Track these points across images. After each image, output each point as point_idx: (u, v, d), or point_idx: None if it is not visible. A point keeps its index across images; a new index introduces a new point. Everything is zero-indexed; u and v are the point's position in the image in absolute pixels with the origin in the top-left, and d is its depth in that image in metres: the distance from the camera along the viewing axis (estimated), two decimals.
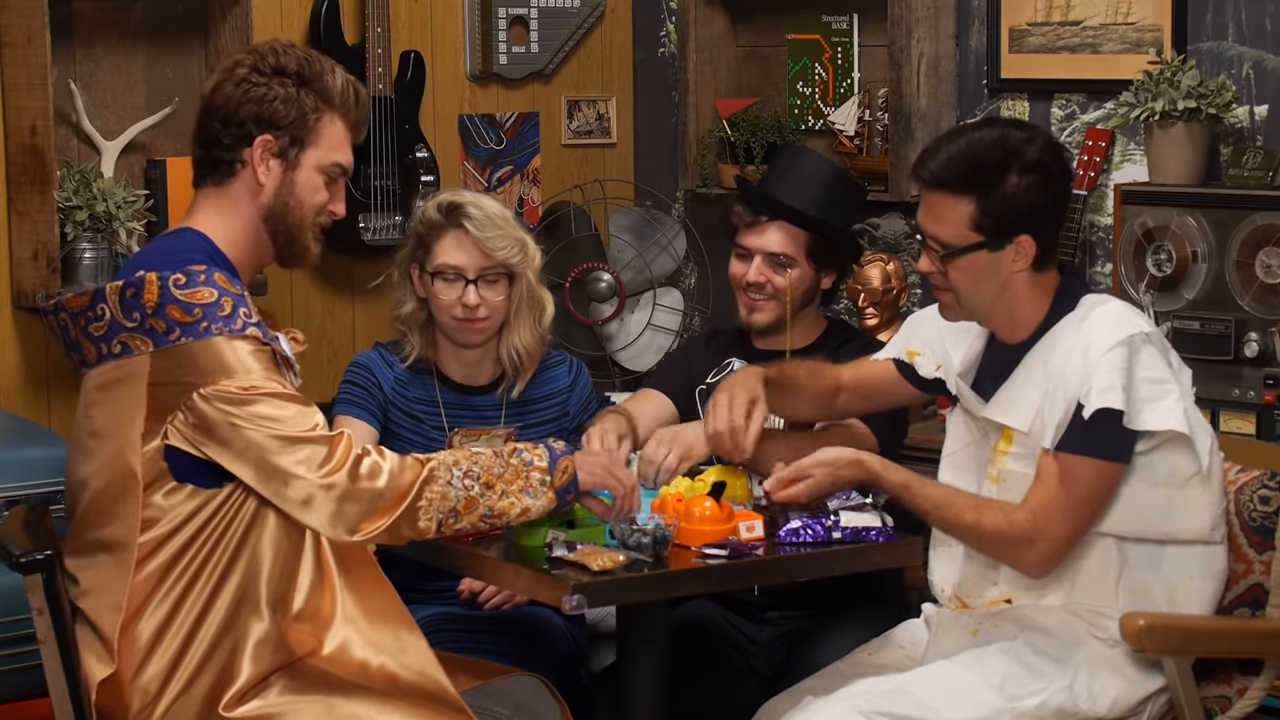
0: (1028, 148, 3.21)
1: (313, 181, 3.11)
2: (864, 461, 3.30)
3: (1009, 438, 3.30)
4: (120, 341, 2.97)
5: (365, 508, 2.95)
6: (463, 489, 3.01)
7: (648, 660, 3.28)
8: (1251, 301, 4.10)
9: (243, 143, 3.08)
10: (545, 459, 3.10)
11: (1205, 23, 4.37)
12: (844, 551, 3.26)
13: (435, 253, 3.78)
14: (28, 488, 3.77)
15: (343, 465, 2.93)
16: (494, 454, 3.07)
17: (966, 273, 3.25)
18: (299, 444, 2.93)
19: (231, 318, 2.95)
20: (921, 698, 3.17)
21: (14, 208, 4.41)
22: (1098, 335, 3.20)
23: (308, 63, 3.11)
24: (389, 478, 2.96)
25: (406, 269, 3.85)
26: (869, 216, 5.05)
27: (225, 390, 2.93)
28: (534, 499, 3.08)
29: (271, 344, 3.00)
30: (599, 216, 5.32)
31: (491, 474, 3.04)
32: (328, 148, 3.12)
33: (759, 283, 3.93)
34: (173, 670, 2.98)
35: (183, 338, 2.94)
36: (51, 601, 2.96)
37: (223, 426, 2.93)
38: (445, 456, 3.03)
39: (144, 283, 2.94)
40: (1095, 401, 3.14)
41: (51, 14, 4.27)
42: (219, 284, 2.96)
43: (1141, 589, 3.25)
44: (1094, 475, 3.18)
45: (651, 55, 5.50)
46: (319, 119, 3.10)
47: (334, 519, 2.95)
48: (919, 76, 4.74)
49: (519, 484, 3.07)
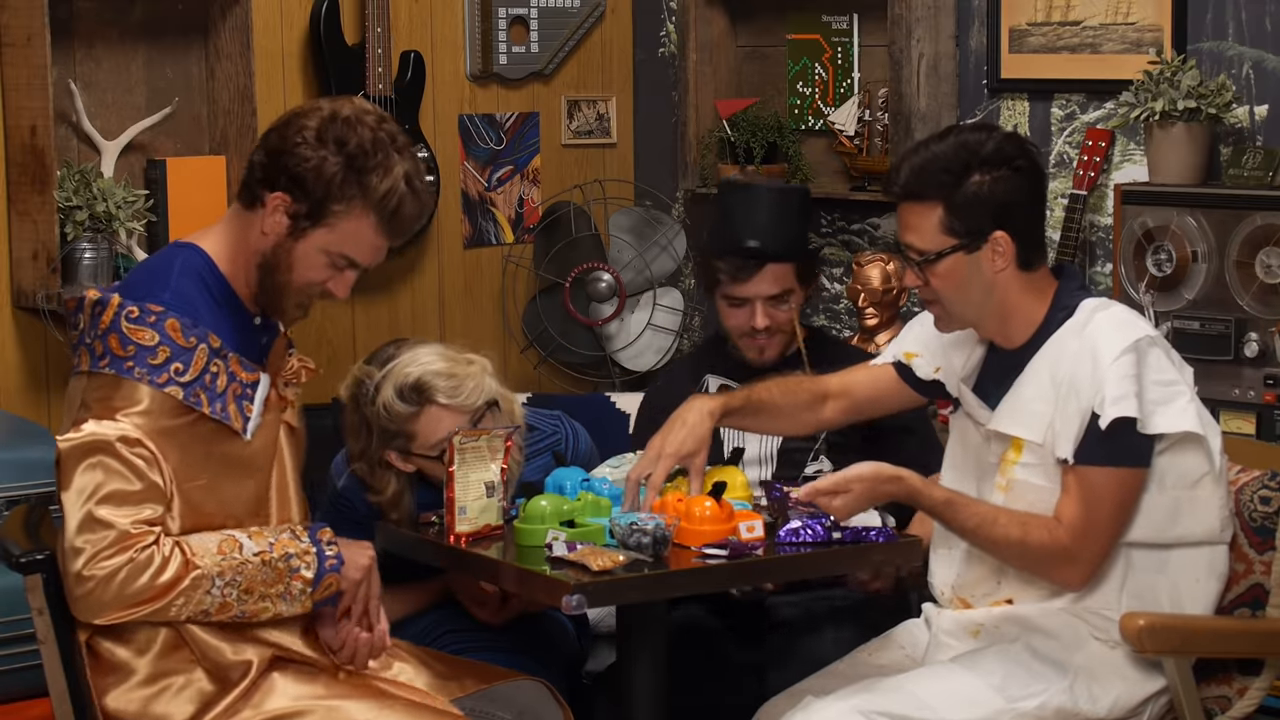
0: (985, 144, 3.24)
1: (313, 260, 3.05)
2: (904, 478, 3.27)
3: (1018, 447, 3.29)
4: (77, 353, 2.99)
5: (114, 606, 2.91)
6: (219, 596, 2.95)
7: (648, 660, 3.28)
8: (1251, 301, 4.10)
9: (268, 185, 3.03)
10: (312, 569, 3.02)
11: (1205, 23, 4.37)
12: (844, 551, 3.26)
13: (421, 435, 3.54)
14: (28, 488, 3.77)
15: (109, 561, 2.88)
16: (263, 561, 2.98)
17: (948, 279, 3.25)
18: (96, 524, 2.89)
19: (160, 369, 2.93)
20: (922, 698, 3.17)
21: (14, 208, 4.41)
22: (1104, 342, 3.20)
23: (369, 152, 3.01)
24: (148, 578, 2.90)
25: (378, 458, 3.59)
26: (869, 216, 5.05)
27: (101, 434, 2.90)
28: (289, 605, 3.02)
29: (197, 408, 2.95)
30: (599, 216, 5.32)
31: (254, 581, 2.97)
32: (342, 237, 3.04)
33: (766, 326, 3.94)
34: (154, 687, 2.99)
35: (109, 368, 2.93)
36: (51, 601, 2.96)
37: (71, 456, 2.92)
38: (212, 565, 2.94)
39: (109, 303, 2.96)
40: (1111, 411, 3.14)
41: (51, 14, 4.27)
42: (166, 330, 2.95)
43: (1146, 591, 3.25)
44: (1121, 484, 3.19)
45: (651, 55, 5.50)
46: (346, 208, 3.02)
47: (79, 607, 2.93)
48: (919, 76, 4.74)
49: (279, 588, 3.00)
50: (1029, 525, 3.23)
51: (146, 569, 2.90)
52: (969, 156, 3.23)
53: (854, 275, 4.75)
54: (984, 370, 3.40)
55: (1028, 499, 3.26)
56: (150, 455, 2.92)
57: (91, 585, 2.89)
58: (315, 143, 3.00)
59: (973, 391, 3.39)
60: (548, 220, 5.24)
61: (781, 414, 3.56)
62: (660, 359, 5.22)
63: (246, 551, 2.98)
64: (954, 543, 3.38)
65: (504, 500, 3.35)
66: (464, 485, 3.29)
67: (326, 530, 3.08)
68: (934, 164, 3.24)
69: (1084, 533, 3.20)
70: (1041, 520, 3.23)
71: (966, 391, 3.40)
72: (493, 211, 5.28)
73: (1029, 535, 3.22)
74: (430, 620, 3.73)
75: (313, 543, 3.04)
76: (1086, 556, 3.21)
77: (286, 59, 4.86)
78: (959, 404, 3.45)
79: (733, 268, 3.95)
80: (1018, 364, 3.31)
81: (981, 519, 3.26)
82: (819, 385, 3.59)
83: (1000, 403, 3.32)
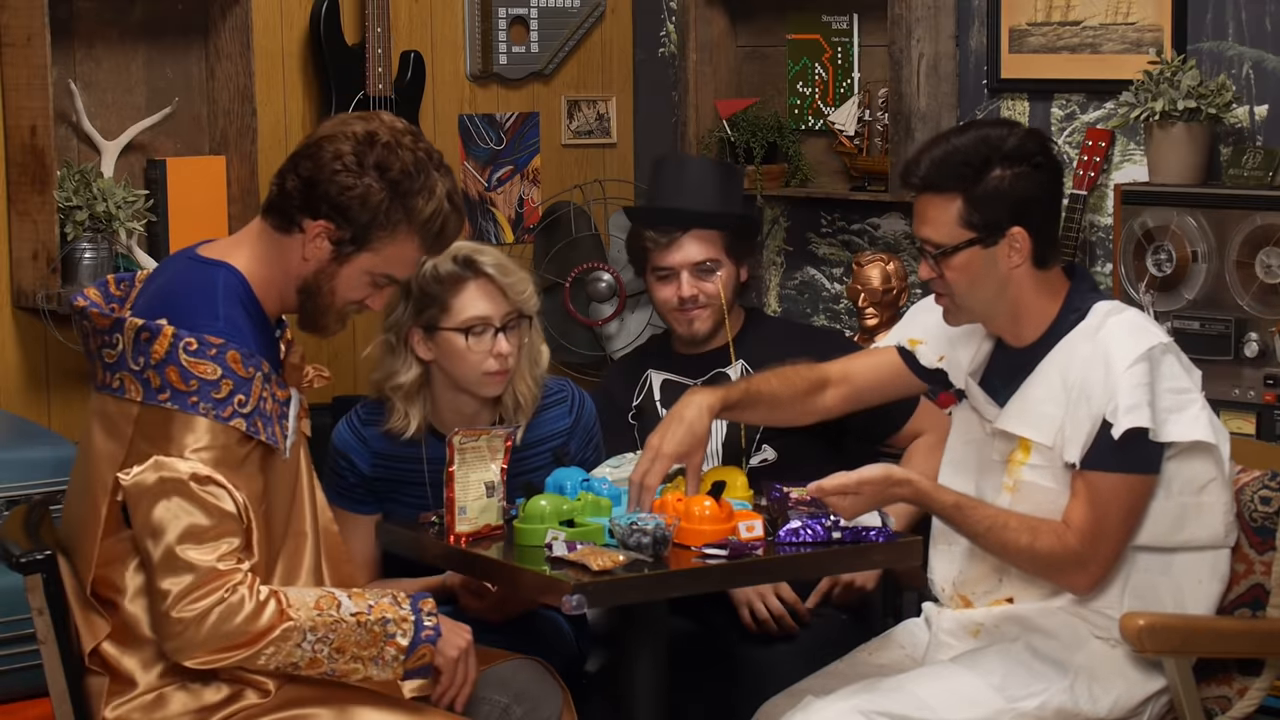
0: (1006, 140, 3.24)
1: (356, 281, 3.05)
2: (914, 481, 3.27)
3: (1026, 448, 3.29)
4: (120, 378, 2.95)
5: (206, 647, 2.89)
6: (310, 651, 2.94)
7: (648, 660, 3.28)
8: (1251, 301, 4.10)
9: (308, 213, 3.00)
10: (409, 637, 3.00)
11: (1205, 23, 4.37)
12: (844, 551, 3.26)
13: (455, 308, 3.57)
14: (28, 488, 3.77)
15: (200, 602, 2.87)
16: (358, 623, 2.96)
17: (962, 273, 3.25)
18: (179, 565, 2.88)
19: (224, 403, 2.91)
20: (922, 698, 3.17)
21: (14, 208, 4.40)
22: (1117, 349, 3.20)
23: (412, 175, 2.99)
24: (241, 621, 2.88)
25: (404, 334, 3.63)
26: (869, 216, 5.05)
27: (174, 470, 2.89)
28: (380, 670, 3.01)
29: (256, 436, 2.94)
30: (599, 216, 5.32)
31: (347, 641, 2.96)
32: (386, 259, 3.04)
33: (692, 296, 3.96)
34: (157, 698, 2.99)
35: (170, 402, 2.90)
36: (51, 601, 2.96)
37: (145, 495, 2.90)
38: (306, 619, 2.93)
39: (159, 332, 2.91)
40: (1125, 421, 3.14)
41: (51, 14, 4.26)
42: (228, 363, 2.92)
43: (1148, 592, 3.25)
44: (1130, 491, 3.20)
45: (651, 55, 5.50)
46: (392, 233, 3.01)
47: (170, 649, 2.91)
48: (919, 76, 4.74)
49: (372, 651, 2.98)
50: (1038, 530, 3.22)
51: (239, 612, 2.88)
52: (990, 151, 3.22)
53: (854, 275, 4.75)
54: (992, 366, 3.40)
55: (1035, 500, 3.26)
56: (222, 487, 2.90)
57: (181, 628, 2.88)
58: (356, 169, 2.97)
59: (980, 386, 3.39)
60: (548, 220, 5.24)
61: (780, 404, 3.55)
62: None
63: (344, 610, 2.95)
64: (954, 539, 3.37)
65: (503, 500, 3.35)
66: (464, 485, 3.29)
67: (429, 601, 3.06)
68: (955, 156, 3.23)
69: (1093, 538, 3.19)
70: (1050, 525, 3.22)
71: (974, 386, 3.39)
72: (493, 211, 5.28)
73: (1038, 541, 3.22)
74: None
75: (412, 610, 3.02)
76: (1096, 562, 3.21)
77: (286, 59, 4.86)
78: (963, 396, 3.45)
79: (657, 234, 3.99)
80: (1027, 363, 3.30)
81: (991, 523, 3.25)
82: (818, 373, 3.57)
83: (1009, 402, 3.32)
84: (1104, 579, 3.24)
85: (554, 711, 3.37)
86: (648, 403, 4.08)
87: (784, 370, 3.60)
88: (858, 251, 4.96)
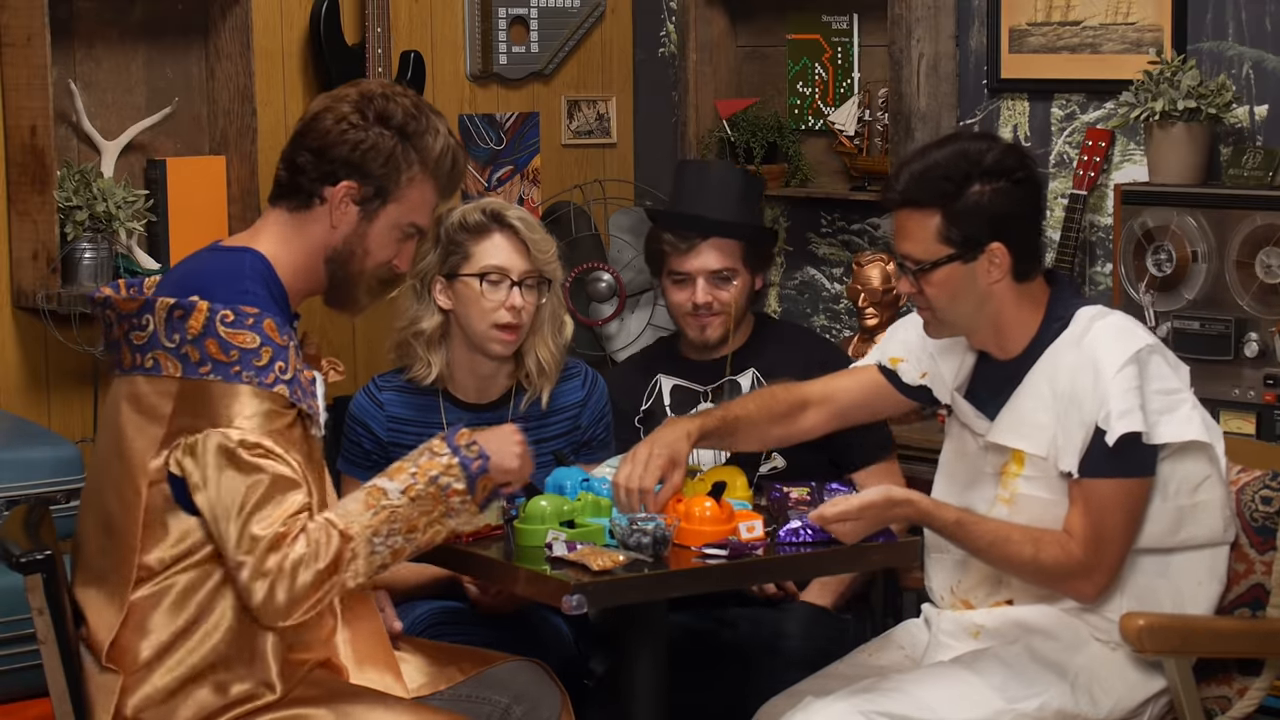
0: (985, 155, 3.22)
1: (386, 236, 3.08)
2: (914, 501, 3.25)
3: (1020, 460, 3.29)
4: (154, 357, 2.95)
5: (292, 605, 2.90)
6: (386, 548, 2.96)
7: (648, 660, 3.28)
8: (1251, 301, 4.10)
9: (327, 180, 3.04)
10: (462, 480, 3.01)
11: (1205, 23, 4.37)
12: (844, 551, 3.25)
13: (476, 255, 3.72)
14: (28, 488, 3.77)
15: (272, 568, 2.89)
16: (411, 499, 2.97)
17: (942, 288, 3.24)
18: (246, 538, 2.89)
19: (265, 370, 2.92)
20: (922, 698, 3.17)
21: (14, 208, 4.41)
22: (1105, 354, 3.19)
23: (413, 117, 3.05)
24: (312, 573, 2.90)
25: (429, 281, 3.77)
26: (869, 216, 5.05)
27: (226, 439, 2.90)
28: (458, 519, 3.03)
29: (299, 403, 2.97)
30: (599, 216, 5.32)
31: (412, 520, 2.98)
32: (410, 207, 3.08)
33: (707, 303, 3.96)
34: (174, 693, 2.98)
35: (212, 374, 2.91)
36: (51, 601, 2.96)
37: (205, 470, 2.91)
38: (364, 527, 2.94)
39: (194, 308, 2.92)
40: (1118, 427, 3.14)
41: (51, 14, 4.27)
42: (265, 331, 2.93)
43: (1147, 594, 3.25)
44: (1128, 494, 3.19)
45: (651, 55, 5.50)
46: (410, 178, 3.06)
47: (262, 616, 2.93)
48: (919, 76, 4.74)
49: (440, 510, 3.00)
50: (1041, 542, 3.22)
51: (309, 563, 2.89)
52: (970, 166, 3.21)
53: (854, 275, 4.75)
54: (977, 379, 3.39)
55: (1032, 512, 3.26)
56: (274, 452, 2.92)
57: (262, 597, 2.89)
58: (363, 124, 3.03)
59: (966, 400, 3.38)
60: (548, 220, 5.23)
61: (758, 429, 3.52)
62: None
63: (392, 496, 2.97)
64: (949, 546, 3.37)
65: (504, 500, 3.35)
66: None
67: (464, 432, 3.06)
68: (934, 171, 3.22)
69: (1096, 545, 3.19)
70: (1053, 536, 3.22)
71: (960, 400, 3.39)
72: None
73: (1041, 552, 3.21)
74: (423, 613, 3.74)
75: (453, 452, 3.03)
76: (1101, 569, 3.21)
77: (286, 59, 4.86)
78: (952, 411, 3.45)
79: (677, 238, 3.99)
80: (1013, 375, 3.29)
81: (994, 537, 3.24)
82: (797, 395, 3.55)
83: (999, 414, 3.31)
84: (1109, 586, 3.23)
85: (553, 712, 3.37)
86: (657, 407, 4.09)
87: (761, 393, 3.59)
88: (858, 251, 4.96)
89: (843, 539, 3.21)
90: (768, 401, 3.54)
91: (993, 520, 3.27)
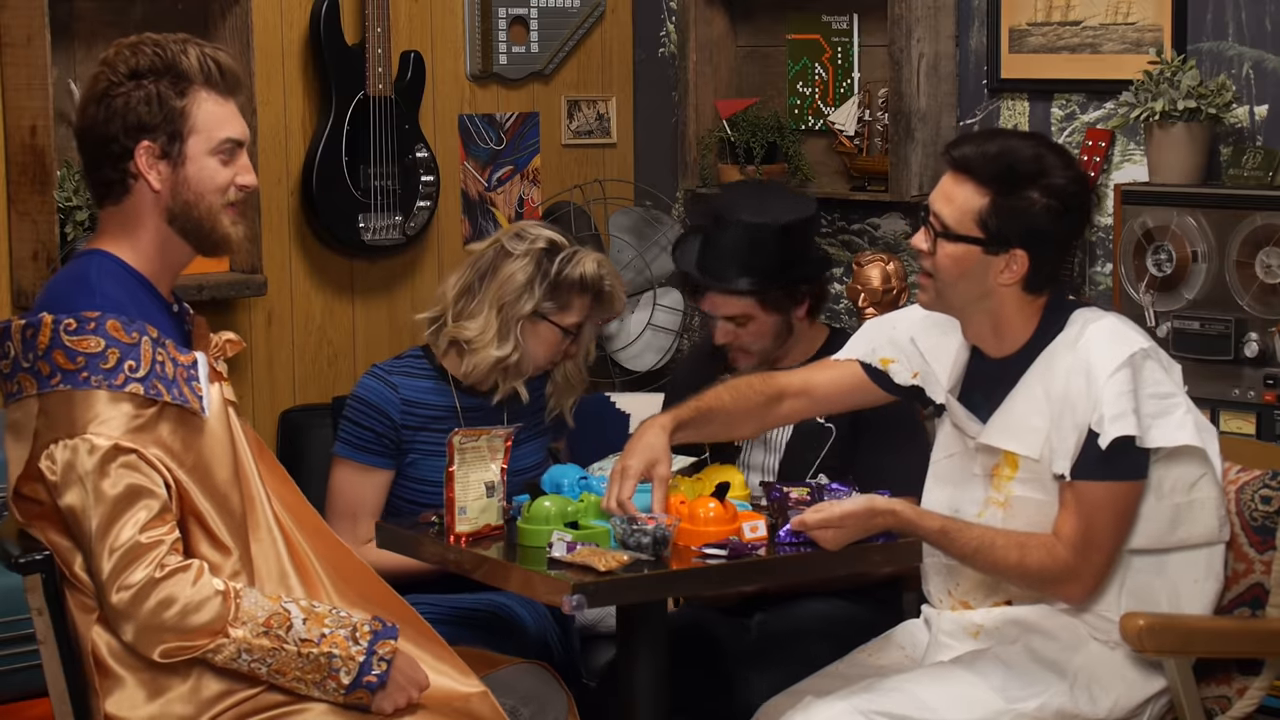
0: (1060, 173, 3.21)
1: (207, 168, 3.05)
2: (897, 511, 3.24)
3: (1013, 463, 3.29)
4: (17, 381, 2.96)
5: (151, 631, 2.88)
6: (247, 667, 2.93)
7: (648, 660, 3.28)
8: (1251, 301, 4.10)
9: (124, 158, 3.02)
10: (351, 676, 2.96)
11: (1205, 23, 4.36)
12: (844, 551, 3.25)
13: (564, 312, 3.89)
14: None
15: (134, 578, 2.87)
16: (300, 653, 2.94)
17: (953, 262, 3.24)
18: (102, 550, 2.87)
19: (114, 371, 2.90)
20: (921, 698, 3.17)
21: (14, 208, 4.41)
22: (1098, 358, 3.19)
23: (159, 54, 3.05)
24: (182, 605, 2.88)
25: (524, 314, 3.86)
26: (869, 216, 5.05)
27: (82, 447, 2.88)
28: (322, 694, 2.97)
29: (158, 398, 2.93)
30: (599, 216, 5.32)
31: (287, 667, 2.94)
32: (208, 128, 3.05)
33: (726, 343, 3.94)
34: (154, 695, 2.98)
35: (62, 384, 2.90)
36: (51, 601, 2.96)
37: (65, 485, 2.90)
38: (246, 635, 2.91)
39: (41, 324, 2.92)
40: (1111, 431, 3.14)
41: (51, 14, 4.27)
42: (109, 332, 2.92)
43: (1145, 593, 3.25)
44: (1119, 497, 3.20)
45: (651, 55, 5.50)
46: (186, 105, 3.03)
47: (129, 635, 2.91)
48: (919, 76, 4.74)
49: (314, 678, 2.95)
50: (1026, 547, 3.22)
51: (178, 589, 2.87)
52: (1039, 173, 3.20)
53: (854, 275, 4.74)
54: (970, 380, 3.39)
55: (1028, 514, 3.26)
56: (132, 453, 2.90)
57: (124, 609, 2.88)
58: (124, 83, 3.01)
59: (959, 402, 3.38)
60: (547, 220, 5.23)
61: (734, 418, 3.53)
62: (660, 359, 5.22)
63: (292, 635, 2.93)
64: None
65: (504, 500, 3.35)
66: (464, 485, 3.29)
67: (390, 644, 3.01)
68: (1008, 157, 3.21)
69: (1084, 548, 3.19)
70: (1038, 539, 3.22)
71: (954, 403, 3.39)
72: (493, 211, 5.28)
73: (1027, 557, 3.21)
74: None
75: (366, 651, 2.98)
76: (1089, 571, 3.21)
77: (286, 59, 4.86)
78: (940, 409, 3.44)
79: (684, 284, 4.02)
80: (1007, 376, 3.29)
81: (979, 544, 3.24)
82: (774, 385, 3.55)
83: (992, 416, 3.31)
84: (1097, 588, 3.24)
85: (560, 715, 3.38)
86: None
87: (736, 383, 3.58)
88: (858, 251, 4.96)
89: (825, 545, 3.21)
90: (743, 391, 3.54)
91: (978, 526, 3.27)
